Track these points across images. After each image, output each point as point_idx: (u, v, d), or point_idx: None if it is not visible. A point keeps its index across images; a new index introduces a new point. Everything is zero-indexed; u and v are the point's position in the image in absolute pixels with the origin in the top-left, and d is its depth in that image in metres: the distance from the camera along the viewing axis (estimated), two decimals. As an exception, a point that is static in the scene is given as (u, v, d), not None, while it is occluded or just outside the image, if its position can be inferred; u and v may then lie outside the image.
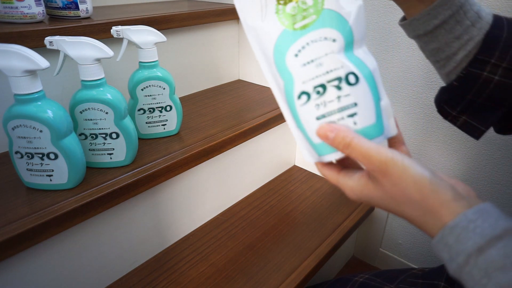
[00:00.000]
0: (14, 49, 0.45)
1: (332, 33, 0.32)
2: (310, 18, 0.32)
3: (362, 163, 0.32)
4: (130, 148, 0.60)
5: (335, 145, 0.32)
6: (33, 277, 0.53)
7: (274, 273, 0.70)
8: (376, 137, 0.33)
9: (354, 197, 0.34)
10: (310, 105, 0.33)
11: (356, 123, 0.33)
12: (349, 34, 0.33)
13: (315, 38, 0.32)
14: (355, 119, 0.33)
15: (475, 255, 0.26)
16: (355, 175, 0.33)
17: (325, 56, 0.32)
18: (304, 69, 0.33)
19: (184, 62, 0.92)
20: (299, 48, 0.33)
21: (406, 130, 0.85)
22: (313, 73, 0.33)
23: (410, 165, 0.30)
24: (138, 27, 0.63)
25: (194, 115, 0.83)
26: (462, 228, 0.27)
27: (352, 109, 0.33)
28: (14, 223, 0.48)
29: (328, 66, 0.33)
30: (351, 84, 0.32)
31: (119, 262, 0.66)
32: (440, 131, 0.79)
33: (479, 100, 0.39)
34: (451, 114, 0.42)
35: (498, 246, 0.26)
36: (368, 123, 0.33)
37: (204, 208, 0.81)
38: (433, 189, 0.29)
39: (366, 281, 0.57)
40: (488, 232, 0.26)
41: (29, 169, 0.53)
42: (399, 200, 0.31)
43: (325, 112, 0.33)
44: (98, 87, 0.56)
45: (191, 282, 0.67)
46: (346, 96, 0.32)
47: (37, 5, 0.66)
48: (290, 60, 0.33)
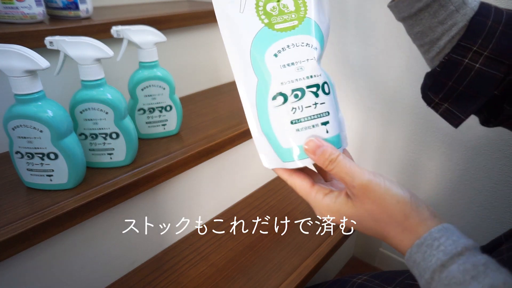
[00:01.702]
0: (14, 49, 0.45)
1: (313, 41, 0.33)
2: (292, 23, 0.33)
3: (344, 181, 0.32)
4: (130, 148, 0.60)
5: (320, 161, 0.32)
6: (33, 277, 0.54)
7: (274, 273, 0.70)
8: (339, 148, 0.33)
9: (326, 215, 0.34)
10: (286, 107, 0.32)
11: (328, 132, 0.33)
12: (322, 46, 0.34)
13: (296, 42, 0.33)
14: (327, 127, 0.33)
15: (439, 271, 0.28)
16: (332, 193, 0.33)
17: (307, 61, 0.32)
18: (283, 70, 0.32)
19: (184, 62, 0.92)
20: (279, 49, 0.32)
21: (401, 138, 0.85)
22: (293, 76, 0.32)
23: (392, 186, 0.31)
24: (138, 27, 0.63)
25: (194, 115, 0.83)
26: (428, 246, 0.29)
27: (325, 117, 0.33)
28: (14, 223, 0.48)
29: (309, 72, 0.33)
30: (325, 93, 0.33)
31: (119, 262, 0.66)
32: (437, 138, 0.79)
33: (460, 88, 0.38)
34: (434, 101, 0.42)
35: (459, 262, 0.27)
36: (335, 133, 0.33)
37: (204, 208, 0.81)
38: (414, 209, 0.31)
39: (364, 282, 0.57)
40: (450, 250, 0.28)
41: (29, 169, 0.53)
42: (378, 218, 0.32)
43: (301, 116, 0.32)
44: (98, 87, 0.56)
45: (191, 282, 0.67)
46: (322, 104, 0.32)
47: (38, 5, 0.66)
48: (269, 59, 0.33)
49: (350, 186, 0.32)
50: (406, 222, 0.31)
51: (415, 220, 0.31)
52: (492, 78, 0.36)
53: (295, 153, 0.33)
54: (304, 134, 0.32)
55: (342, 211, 0.33)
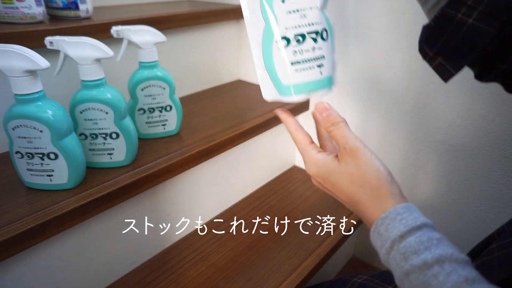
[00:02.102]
0: (14, 49, 0.45)
1: None
2: None
3: (339, 142, 0.37)
4: (130, 148, 0.60)
5: (324, 121, 0.38)
6: (33, 277, 0.54)
7: (274, 273, 0.70)
8: (330, 87, 0.40)
9: (313, 170, 0.39)
10: (288, 50, 0.37)
11: (322, 73, 0.38)
12: None
13: None
14: (322, 69, 0.38)
15: (398, 241, 0.32)
16: (324, 152, 0.39)
17: (310, 9, 0.37)
18: (288, 16, 0.36)
19: (184, 62, 0.92)
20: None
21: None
22: (296, 22, 0.36)
23: (376, 159, 0.36)
24: (138, 27, 0.63)
25: (194, 115, 0.83)
26: (391, 219, 0.33)
27: (321, 60, 0.38)
28: (14, 223, 0.48)
29: (311, 19, 0.37)
30: (323, 39, 0.38)
31: (119, 262, 0.66)
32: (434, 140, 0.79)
33: (453, 42, 0.38)
34: (429, 54, 0.42)
35: (416, 235, 0.31)
36: (328, 74, 0.39)
37: (204, 208, 0.81)
38: (388, 181, 0.35)
39: (364, 282, 0.57)
40: (411, 223, 0.32)
41: (29, 169, 0.53)
42: (355, 180, 0.36)
43: (301, 59, 0.37)
44: (98, 87, 0.56)
45: (191, 282, 0.67)
46: (319, 49, 0.37)
47: (38, 5, 0.66)
48: (277, 5, 0.36)
49: (342, 148, 0.37)
50: (378, 190, 0.35)
51: (386, 191, 0.35)
52: (485, 34, 0.36)
53: (292, 89, 0.38)
54: (301, 74, 0.38)
55: (327, 168, 0.38)
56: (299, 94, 0.39)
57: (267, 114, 0.84)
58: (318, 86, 0.39)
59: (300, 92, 0.38)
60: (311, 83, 0.39)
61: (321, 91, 0.39)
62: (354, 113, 0.91)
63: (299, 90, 0.38)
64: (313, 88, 0.39)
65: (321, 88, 0.39)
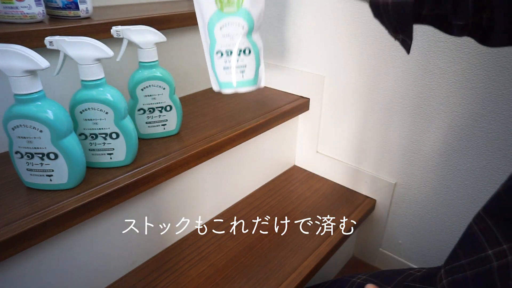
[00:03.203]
0: (14, 49, 0.45)
1: (243, 22, 0.54)
2: (233, 8, 0.54)
3: None
4: (130, 148, 0.60)
5: None
6: (33, 277, 0.54)
7: (274, 273, 0.70)
8: (253, 85, 0.56)
9: None
10: (222, 60, 0.56)
11: (243, 76, 0.56)
12: (252, 25, 0.55)
13: (233, 22, 0.54)
14: (243, 74, 0.56)
15: None
16: None
17: (237, 35, 0.55)
18: (223, 38, 0.55)
19: (184, 62, 0.92)
20: (223, 25, 0.54)
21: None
22: (227, 42, 0.55)
23: None
24: (138, 27, 0.63)
25: (194, 115, 0.83)
26: None
27: (243, 68, 0.56)
28: (14, 223, 0.48)
29: (237, 41, 0.55)
30: (245, 54, 0.56)
31: (119, 262, 0.66)
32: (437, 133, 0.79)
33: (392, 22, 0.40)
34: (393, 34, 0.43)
35: None
36: (249, 78, 0.56)
37: (204, 208, 0.81)
38: None
39: (364, 282, 0.57)
40: None
41: (29, 169, 0.53)
42: None
43: (229, 66, 0.55)
44: (98, 87, 0.56)
45: (191, 282, 0.67)
46: (242, 60, 0.55)
47: (37, 5, 0.66)
48: (217, 30, 0.55)
49: None
50: None
51: None
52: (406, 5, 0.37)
53: (224, 85, 0.56)
54: (229, 76, 0.56)
55: None
56: (228, 88, 0.57)
57: (267, 114, 0.84)
58: (241, 84, 0.58)
59: (228, 87, 0.57)
60: (236, 82, 0.58)
61: (245, 88, 0.58)
62: (354, 113, 0.91)
63: (227, 86, 0.57)
64: (238, 85, 0.58)
65: (244, 86, 0.58)
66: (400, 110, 0.83)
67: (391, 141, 0.87)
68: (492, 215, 0.35)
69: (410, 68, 0.78)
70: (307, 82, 0.96)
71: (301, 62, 0.96)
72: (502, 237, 0.33)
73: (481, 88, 0.70)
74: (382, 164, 0.91)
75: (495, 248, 0.33)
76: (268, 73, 1.03)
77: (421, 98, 0.79)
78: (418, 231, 0.91)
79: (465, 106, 0.73)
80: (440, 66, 0.73)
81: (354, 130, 0.93)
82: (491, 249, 0.34)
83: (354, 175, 0.96)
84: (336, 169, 0.99)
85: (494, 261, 0.33)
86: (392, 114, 0.85)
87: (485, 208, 0.36)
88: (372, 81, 0.85)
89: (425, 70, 0.76)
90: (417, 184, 0.87)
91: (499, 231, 0.33)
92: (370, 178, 0.94)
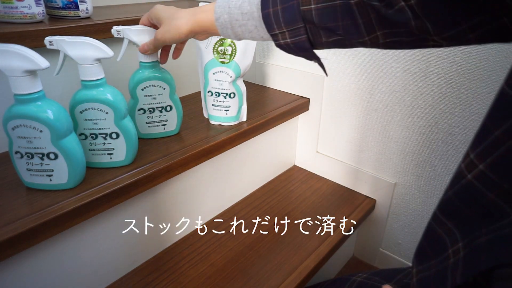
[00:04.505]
0: (14, 49, 0.45)
1: (232, 73, 0.72)
2: (226, 60, 0.72)
3: None
4: (130, 148, 0.60)
5: None
6: (33, 277, 0.53)
7: (274, 273, 0.70)
8: (235, 121, 0.77)
9: None
10: (211, 98, 0.76)
11: (227, 114, 0.76)
12: (238, 74, 0.73)
13: (223, 70, 0.72)
14: (227, 112, 0.76)
15: None
16: None
17: (225, 81, 0.73)
18: (214, 82, 0.73)
19: (184, 62, 0.92)
20: (215, 71, 0.72)
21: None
22: (217, 86, 0.74)
23: None
24: (138, 27, 0.63)
25: (194, 115, 0.83)
26: None
27: (228, 108, 0.76)
28: (14, 223, 0.48)
29: (224, 87, 0.74)
30: (231, 98, 0.75)
31: (119, 262, 0.66)
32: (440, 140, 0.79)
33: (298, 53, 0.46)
34: None
35: None
36: (232, 115, 0.77)
37: (204, 208, 0.81)
38: None
39: (364, 280, 0.57)
40: None
41: (29, 169, 0.53)
42: None
43: (216, 104, 0.76)
44: (98, 87, 0.55)
45: (191, 282, 0.67)
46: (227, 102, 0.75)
47: (37, 5, 0.66)
48: (210, 75, 0.73)
49: None
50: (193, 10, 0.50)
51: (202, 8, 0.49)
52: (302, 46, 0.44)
53: (211, 117, 0.78)
54: (215, 112, 0.77)
55: None
56: (214, 120, 0.77)
57: (267, 114, 0.84)
58: (225, 120, 0.76)
59: (214, 120, 0.77)
60: (221, 118, 0.77)
61: (228, 123, 0.77)
62: (354, 113, 0.91)
63: (214, 119, 0.77)
64: (222, 120, 0.77)
65: (227, 121, 0.77)
66: (400, 110, 0.83)
67: (391, 141, 0.87)
68: (450, 217, 0.37)
69: (410, 68, 0.78)
70: (307, 82, 0.96)
71: (301, 62, 0.96)
72: (460, 235, 0.34)
73: (481, 88, 0.70)
74: (382, 164, 0.91)
75: (454, 246, 0.35)
76: (268, 73, 1.04)
77: (421, 98, 0.79)
78: (418, 231, 0.91)
79: (465, 106, 0.73)
80: (440, 66, 0.73)
81: (354, 130, 0.93)
82: (452, 247, 0.35)
83: (354, 175, 0.96)
84: (336, 169, 0.99)
85: (451, 258, 0.34)
86: (392, 114, 0.85)
87: (443, 211, 0.38)
88: (372, 81, 0.85)
89: (425, 70, 0.76)
90: (417, 184, 0.87)
91: (457, 230, 0.35)
92: (370, 178, 0.94)
